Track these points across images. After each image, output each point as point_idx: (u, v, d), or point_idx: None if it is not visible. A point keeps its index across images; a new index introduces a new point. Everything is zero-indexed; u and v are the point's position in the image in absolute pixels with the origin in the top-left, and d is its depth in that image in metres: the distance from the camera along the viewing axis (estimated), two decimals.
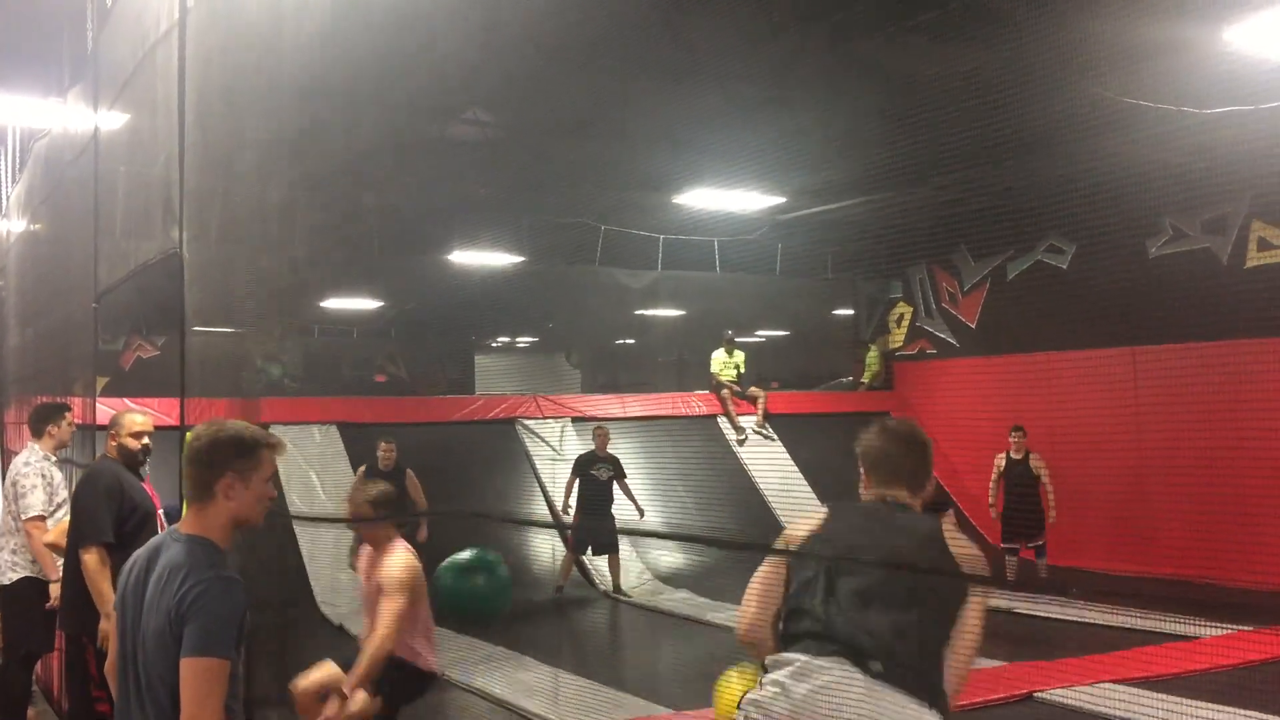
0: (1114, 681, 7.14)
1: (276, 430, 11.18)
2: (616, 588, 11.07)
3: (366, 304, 16.29)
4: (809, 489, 12.83)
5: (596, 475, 11.15)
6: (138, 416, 5.42)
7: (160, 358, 13.81)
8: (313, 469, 11.08)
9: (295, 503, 10.56)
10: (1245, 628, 8.38)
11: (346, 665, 4.73)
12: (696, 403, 14.13)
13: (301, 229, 4.93)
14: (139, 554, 3.02)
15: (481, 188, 11.92)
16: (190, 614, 2.72)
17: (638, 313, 16.86)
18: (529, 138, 10.35)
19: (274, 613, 4.66)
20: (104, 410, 7.84)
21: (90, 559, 4.92)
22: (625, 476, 11.31)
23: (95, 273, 6.41)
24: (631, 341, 18.96)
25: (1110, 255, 11.56)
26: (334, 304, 15.71)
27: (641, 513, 11.25)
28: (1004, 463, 11.34)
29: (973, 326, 14.32)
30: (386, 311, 16.64)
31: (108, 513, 4.98)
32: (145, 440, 5.31)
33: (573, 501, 11.21)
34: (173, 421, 5.10)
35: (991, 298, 14.00)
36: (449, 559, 5.04)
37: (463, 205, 12.66)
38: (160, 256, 5.06)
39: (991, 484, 11.41)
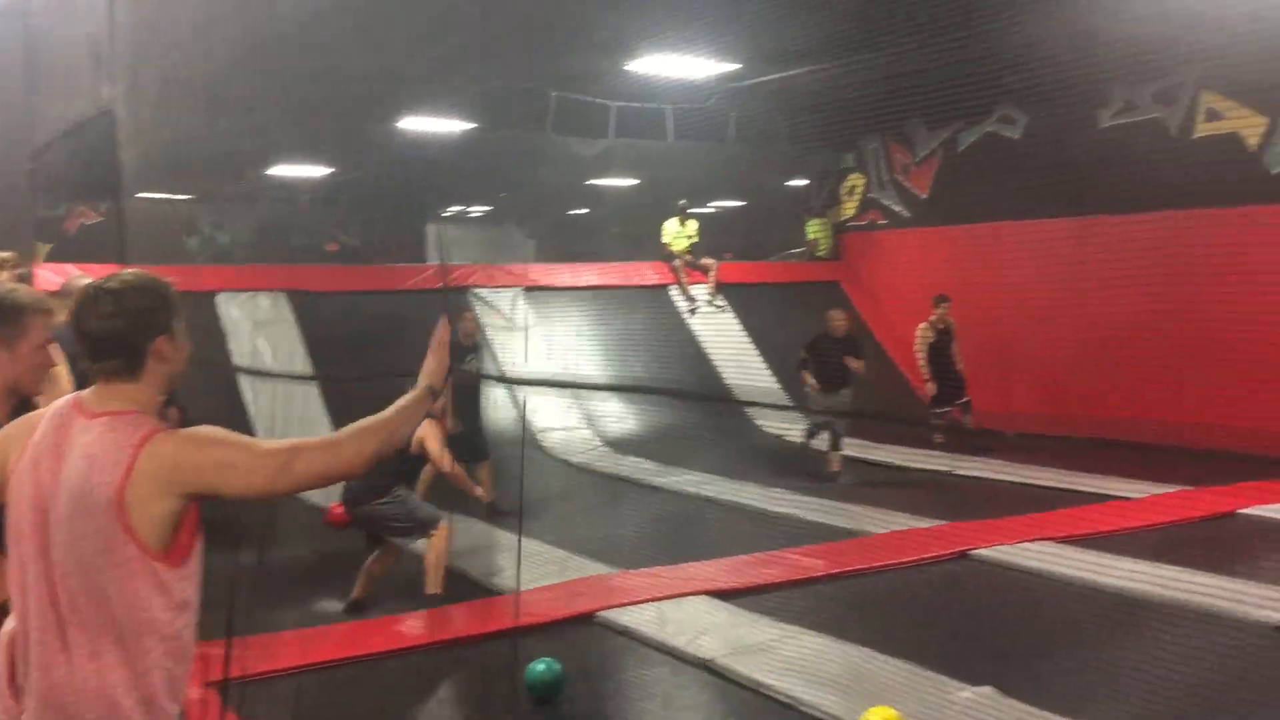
0: (1046, 540, 7.39)
1: (223, 297, 11.16)
2: (491, 503, 8.55)
3: (316, 171, 16.00)
4: (759, 357, 12.99)
5: (464, 370, 8.59)
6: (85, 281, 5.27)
7: (104, 223, 13.56)
8: (261, 336, 11.02)
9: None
10: (1174, 488, 8.76)
11: None
12: (649, 272, 14.14)
13: (248, 92, 4.83)
14: None
15: (431, 52, 11.60)
16: None
17: (590, 182, 16.71)
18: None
19: None
20: (49, 277, 7.74)
21: None
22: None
23: (31, 135, 6.26)
24: (585, 210, 18.82)
25: (1062, 126, 11.57)
26: (282, 170, 15.41)
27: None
28: (931, 334, 11.25)
29: (924, 197, 14.35)
30: (336, 179, 16.36)
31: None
32: None
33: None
34: None
35: (944, 168, 14.01)
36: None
37: (413, 70, 12.34)
38: (93, 114, 4.94)
39: (920, 357, 11.27)
